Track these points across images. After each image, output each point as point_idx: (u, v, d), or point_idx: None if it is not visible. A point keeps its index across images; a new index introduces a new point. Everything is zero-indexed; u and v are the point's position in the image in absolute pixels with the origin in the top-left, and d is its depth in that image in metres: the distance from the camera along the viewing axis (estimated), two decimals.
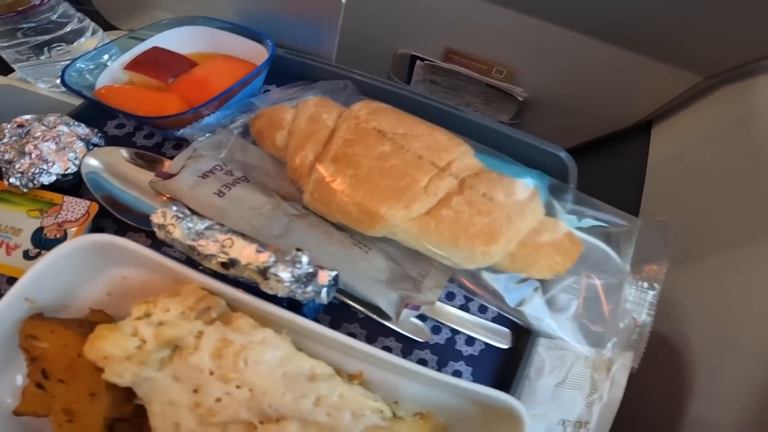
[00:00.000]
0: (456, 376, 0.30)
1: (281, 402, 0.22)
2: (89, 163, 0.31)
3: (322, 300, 0.25)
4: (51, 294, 0.25)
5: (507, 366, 0.30)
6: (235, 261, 0.22)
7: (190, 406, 0.22)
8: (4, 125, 0.31)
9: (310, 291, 0.23)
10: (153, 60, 0.34)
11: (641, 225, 0.31)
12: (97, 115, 0.35)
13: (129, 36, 0.36)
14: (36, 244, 0.29)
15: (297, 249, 0.23)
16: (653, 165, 0.55)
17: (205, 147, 0.32)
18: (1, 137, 0.31)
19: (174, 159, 0.31)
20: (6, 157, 0.30)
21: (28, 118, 0.31)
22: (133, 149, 0.32)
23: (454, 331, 0.31)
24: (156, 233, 0.24)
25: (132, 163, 0.31)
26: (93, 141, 0.32)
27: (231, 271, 0.22)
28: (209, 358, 0.22)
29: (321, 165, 0.29)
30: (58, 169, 0.30)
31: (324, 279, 0.23)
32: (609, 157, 0.64)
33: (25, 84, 0.38)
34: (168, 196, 0.30)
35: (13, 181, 0.30)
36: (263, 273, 0.22)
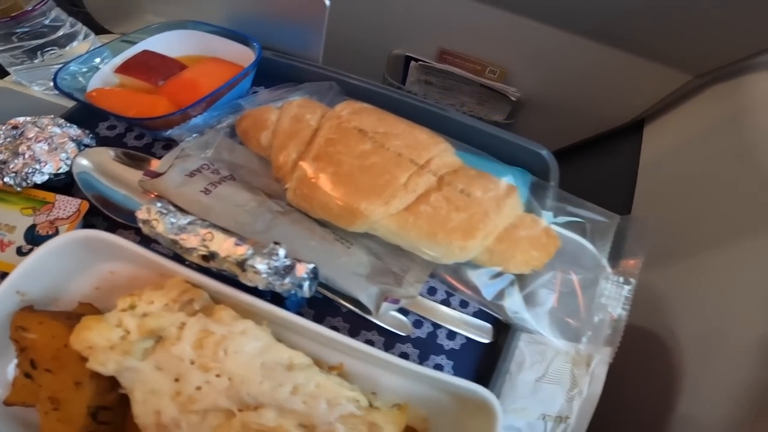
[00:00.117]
0: (437, 369, 0.31)
1: (259, 390, 0.23)
2: (80, 163, 0.32)
3: (304, 293, 0.26)
4: (41, 287, 0.26)
5: (488, 360, 0.31)
6: (215, 254, 0.23)
7: (171, 394, 0.23)
8: None
9: (287, 283, 0.24)
10: (143, 63, 0.35)
11: (619, 221, 0.32)
12: (90, 117, 0.36)
13: (121, 39, 0.37)
14: (29, 240, 0.31)
15: (275, 242, 0.24)
16: (645, 163, 0.56)
17: (193, 147, 0.33)
18: None
19: (162, 158, 0.32)
20: (0, 158, 0.32)
21: (22, 120, 0.33)
22: (122, 149, 0.34)
23: (435, 326, 0.32)
24: (141, 228, 0.25)
25: (121, 163, 0.33)
26: (84, 142, 0.34)
27: (211, 264, 0.24)
28: (190, 348, 0.24)
29: (303, 163, 0.30)
30: (50, 169, 0.32)
31: (302, 271, 0.24)
32: (602, 156, 0.65)
33: (20, 87, 0.40)
34: (156, 194, 0.31)
35: (8, 181, 0.31)
36: (241, 265, 0.23)
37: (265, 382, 0.23)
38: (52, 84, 0.33)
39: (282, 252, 0.23)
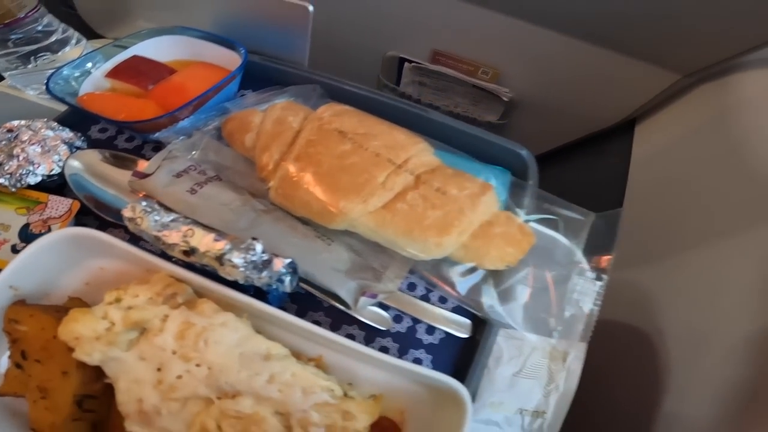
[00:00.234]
0: (416, 363, 0.32)
1: (237, 379, 0.25)
2: (72, 165, 0.34)
3: (285, 288, 0.28)
4: (33, 282, 0.28)
5: (466, 354, 0.33)
6: (195, 249, 0.25)
7: (153, 383, 0.25)
8: None
9: (265, 277, 0.25)
10: (133, 68, 0.37)
11: (594, 218, 0.34)
12: (82, 120, 0.38)
13: (113, 44, 0.39)
14: (23, 238, 0.33)
15: (252, 238, 0.25)
16: (636, 163, 0.57)
17: (180, 149, 0.35)
18: None
19: (150, 160, 0.34)
20: None
21: (17, 123, 0.35)
22: (112, 151, 0.36)
23: (415, 321, 0.33)
24: (127, 225, 0.27)
25: (110, 164, 0.35)
26: (76, 144, 0.35)
27: (192, 259, 0.25)
28: (172, 339, 0.25)
29: (285, 163, 0.32)
30: (43, 171, 0.34)
31: (279, 265, 0.26)
32: (594, 155, 0.66)
33: (15, 91, 0.42)
34: (144, 193, 0.33)
35: (3, 182, 0.33)
36: (219, 259, 0.24)
37: (243, 371, 0.25)
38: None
39: (259, 247, 0.25)
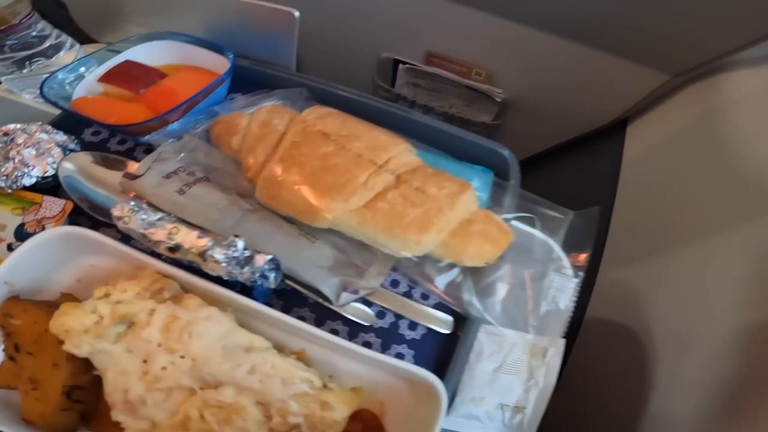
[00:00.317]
0: (399, 358, 0.33)
1: (219, 370, 0.26)
2: (65, 167, 0.36)
3: (269, 284, 0.29)
4: (27, 279, 0.30)
5: (448, 350, 0.34)
6: (180, 245, 0.26)
7: (139, 374, 0.26)
8: None
9: (247, 272, 0.27)
10: (125, 72, 0.39)
11: (573, 216, 0.35)
12: (75, 124, 0.40)
13: (106, 49, 0.41)
14: (18, 237, 0.34)
15: (234, 235, 0.27)
16: (627, 163, 0.58)
17: (170, 151, 0.36)
18: None
19: (141, 162, 0.36)
20: None
21: (12, 126, 0.37)
22: (103, 153, 0.37)
23: (397, 316, 0.34)
24: (116, 224, 0.29)
25: (102, 166, 0.36)
26: (69, 147, 0.37)
27: (177, 255, 0.27)
28: (158, 332, 0.27)
29: (270, 164, 0.34)
30: (38, 173, 0.35)
31: (260, 261, 0.27)
32: (586, 155, 0.67)
33: (12, 95, 0.44)
34: (134, 194, 0.34)
35: None
36: (202, 255, 0.26)
37: (225, 362, 0.26)
38: None
39: (240, 244, 0.27)
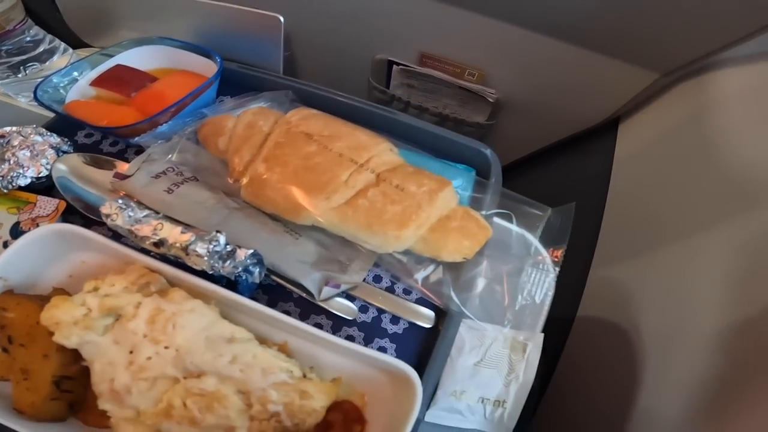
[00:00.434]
0: (381, 351, 0.35)
1: (201, 360, 0.27)
2: (58, 168, 0.38)
3: (254, 279, 0.31)
4: (21, 274, 0.31)
5: (429, 344, 0.35)
6: (164, 240, 0.28)
7: (125, 364, 0.28)
8: None
9: (229, 266, 0.29)
10: (116, 76, 0.41)
11: (551, 213, 0.36)
12: (69, 126, 0.42)
13: (98, 53, 0.43)
14: (14, 236, 0.36)
15: (216, 231, 0.29)
16: (618, 162, 0.59)
17: (159, 152, 0.38)
18: None
19: (131, 163, 0.38)
20: None
21: (8, 129, 0.39)
22: (95, 155, 0.39)
23: (380, 311, 0.36)
24: (104, 221, 0.30)
25: (93, 167, 0.38)
26: (63, 149, 0.39)
27: (162, 250, 0.29)
28: (144, 323, 0.28)
29: (255, 164, 0.35)
30: (32, 173, 0.37)
31: (242, 255, 0.29)
32: (578, 155, 0.68)
33: (7, 98, 0.46)
34: (124, 193, 0.36)
35: None
36: (185, 249, 0.28)
37: (208, 352, 0.28)
38: None
39: (222, 239, 0.28)
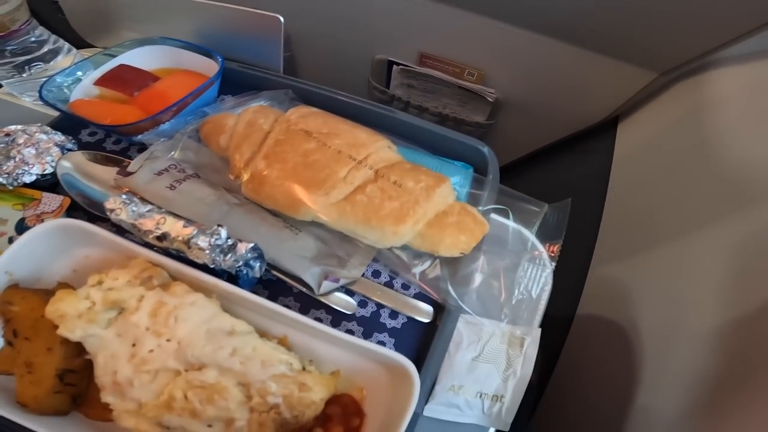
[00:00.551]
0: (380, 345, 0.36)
1: (202, 352, 0.28)
2: (63, 165, 0.39)
3: (255, 273, 0.32)
4: (26, 269, 0.32)
5: (427, 338, 0.36)
6: (167, 234, 0.29)
7: (127, 357, 0.28)
8: None
9: (230, 259, 0.29)
10: (119, 76, 0.42)
11: (547, 209, 0.37)
12: (73, 125, 0.43)
13: (101, 53, 0.44)
14: (19, 231, 0.37)
15: (218, 225, 0.30)
16: (618, 160, 0.60)
17: (162, 149, 0.39)
18: None
19: (134, 160, 0.39)
20: None
21: (13, 128, 0.40)
22: (99, 152, 0.40)
23: (379, 306, 0.37)
24: (108, 216, 0.31)
25: (97, 164, 0.39)
26: (67, 147, 0.40)
27: (164, 244, 0.29)
28: (146, 316, 0.29)
29: (255, 161, 0.36)
30: (37, 170, 0.38)
31: (243, 249, 0.30)
32: (577, 154, 0.69)
33: (12, 98, 0.47)
34: (127, 189, 0.37)
35: (1, 180, 0.38)
36: (187, 243, 0.29)
37: (208, 345, 0.29)
38: None
39: (223, 233, 0.29)
